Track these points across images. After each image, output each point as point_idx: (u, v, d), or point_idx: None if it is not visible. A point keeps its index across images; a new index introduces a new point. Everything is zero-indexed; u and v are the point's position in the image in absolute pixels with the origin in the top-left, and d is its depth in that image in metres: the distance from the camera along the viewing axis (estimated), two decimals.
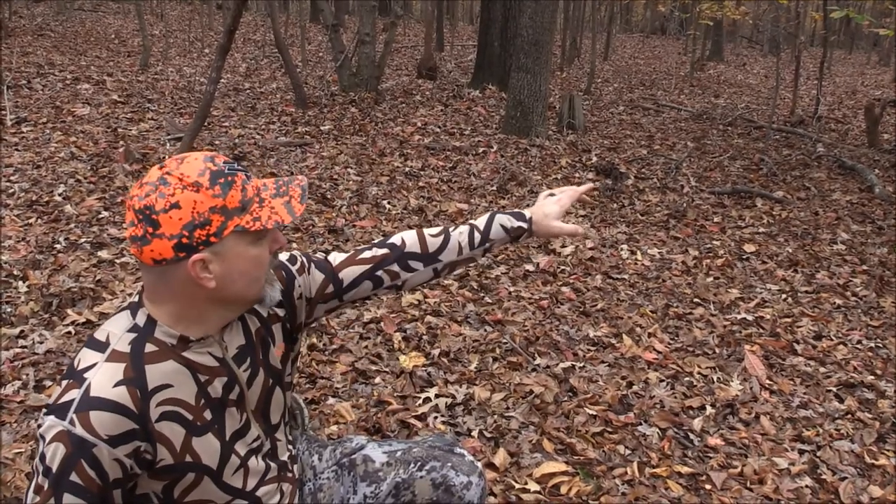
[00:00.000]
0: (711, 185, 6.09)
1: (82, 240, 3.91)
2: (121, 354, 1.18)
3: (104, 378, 1.15)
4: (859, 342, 3.46)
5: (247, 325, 1.33)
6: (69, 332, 2.99)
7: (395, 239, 1.51)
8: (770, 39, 20.68)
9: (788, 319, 3.66)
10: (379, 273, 1.48)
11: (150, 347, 1.20)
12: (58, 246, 3.82)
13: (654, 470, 2.42)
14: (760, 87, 13.56)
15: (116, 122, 6.56)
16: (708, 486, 2.37)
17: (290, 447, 1.46)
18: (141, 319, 1.22)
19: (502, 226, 1.53)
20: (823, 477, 2.46)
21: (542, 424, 2.60)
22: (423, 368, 2.93)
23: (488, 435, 2.53)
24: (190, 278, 1.17)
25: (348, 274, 1.47)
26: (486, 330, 3.30)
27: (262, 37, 14.71)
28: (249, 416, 1.32)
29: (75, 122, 6.43)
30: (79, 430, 1.11)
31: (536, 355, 3.10)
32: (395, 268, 1.48)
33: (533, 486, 2.27)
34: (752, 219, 5.29)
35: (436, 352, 3.05)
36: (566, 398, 2.80)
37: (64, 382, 1.17)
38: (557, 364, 3.03)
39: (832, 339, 3.47)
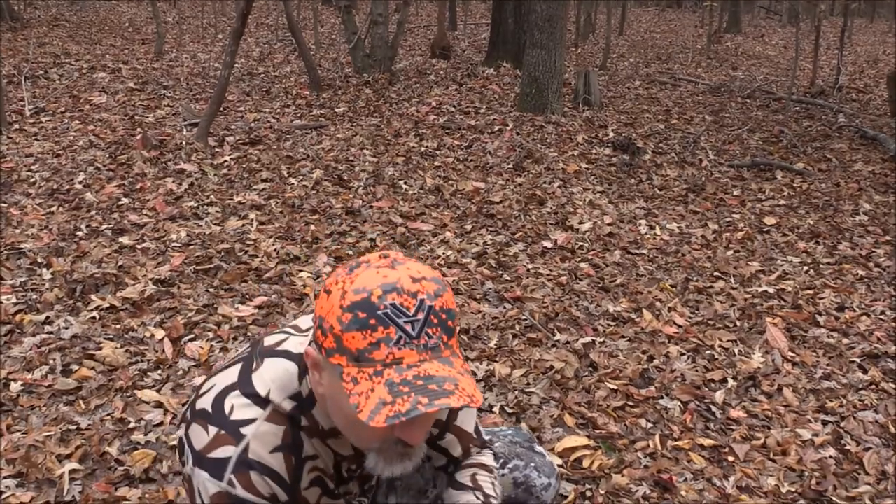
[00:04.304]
0: (730, 158, 6.03)
1: (103, 226, 3.95)
2: (281, 416, 1.11)
3: (264, 441, 1.09)
4: (883, 313, 3.43)
5: None
6: (94, 318, 3.03)
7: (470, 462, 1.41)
8: (789, 9, 20.32)
9: (810, 291, 3.63)
10: (453, 468, 1.41)
11: (304, 421, 1.14)
12: (80, 233, 3.86)
13: (677, 443, 2.42)
14: (779, 58, 13.36)
15: (133, 110, 6.60)
16: (731, 458, 2.37)
17: None
18: (306, 390, 1.13)
19: None
20: (847, 447, 2.44)
21: (563, 399, 2.61)
22: None
23: (509, 410, 2.54)
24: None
25: (448, 443, 1.38)
26: (505, 307, 3.31)
27: (275, 20, 14.68)
28: (356, 481, 1.30)
29: (93, 111, 6.48)
30: (239, 491, 1.07)
31: (556, 331, 3.10)
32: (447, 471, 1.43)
33: (555, 460, 2.28)
34: (773, 191, 5.23)
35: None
36: (587, 373, 2.80)
37: (211, 428, 1.10)
38: (577, 339, 3.03)
39: (855, 311, 3.44)
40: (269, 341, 1.19)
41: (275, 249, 3.77)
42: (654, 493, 2.18)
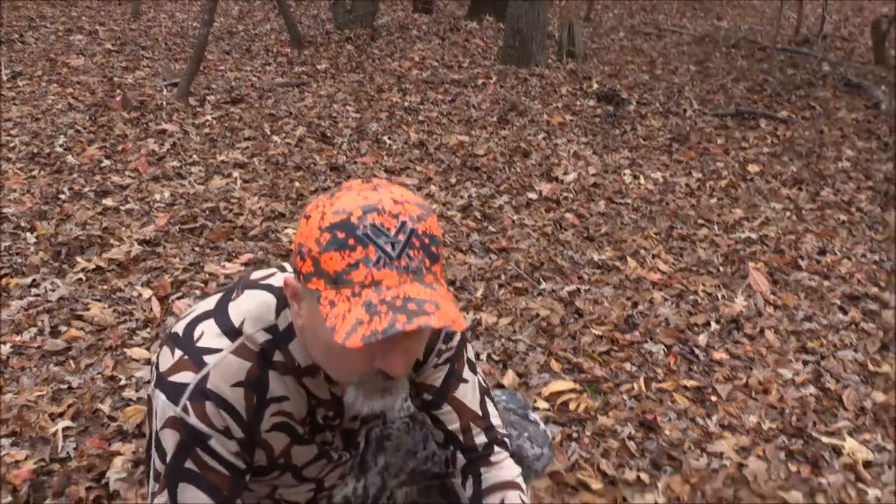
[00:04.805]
0: (715, 107, 6.02)
1: (86, 189, 3.92)
2: (250, 352, 1.08)
3: (226, 374, 1.06)
4: (863, 255, 3.48)
5: None
6: (80, 279, 3.03)
7: (490, 479, 1.30)
8: None
9: (793, 236, 3.67)
10: (453, 448, 1.32)
11: (279, 356, 1.10)
12: (62, 196, 3.83)
13: (661, 385, 2.47)
14: (764, 7, 13.26)
15: (112, 72, 6.49)
16: (714, 398, 2.42)
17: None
18: (283, 323, 1.09)
19: None
20: (827, 385, 2.50)
21: (549, 346, 2.65)
22: None
23: (496, 358, 2.58)
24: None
25: (445, 416, 1.30)
26: (490, 258, 3.33)
27: None
28: (339, 433, 1.27)
29: (71, 74, 6.37)
30: (192, 419, 1.04)
31: (542, 280, 3.13)
32: (455, 465, 1.33)
33: (542, 405, 2.33)
34: (757, 139, 5.25)
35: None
36: (572, 320, 2.84)
37: (177, 351, 1.07)
38: (563, 288, 3.06)
39: (836, 254, 3.49)
40: (254, 275, 1.17)
41: (259, 207, 3.76)
42: (639, 433, 2.24)
